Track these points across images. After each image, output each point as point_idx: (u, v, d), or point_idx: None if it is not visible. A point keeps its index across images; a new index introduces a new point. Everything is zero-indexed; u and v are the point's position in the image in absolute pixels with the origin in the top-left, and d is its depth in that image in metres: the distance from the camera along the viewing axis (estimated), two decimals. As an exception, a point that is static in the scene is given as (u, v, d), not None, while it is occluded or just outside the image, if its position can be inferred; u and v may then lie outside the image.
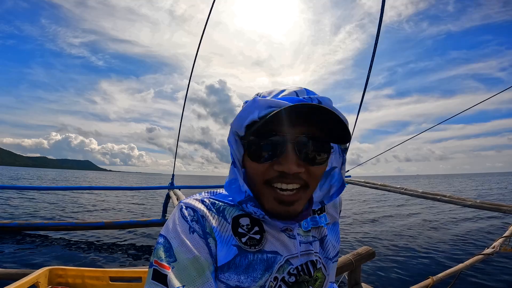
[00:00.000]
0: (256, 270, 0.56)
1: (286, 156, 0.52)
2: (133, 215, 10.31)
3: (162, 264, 0.50)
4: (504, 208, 3.52)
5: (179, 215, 0.57)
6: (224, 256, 0.55)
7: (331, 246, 0.71)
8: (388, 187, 4.92)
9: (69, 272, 1.58)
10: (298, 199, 0.55)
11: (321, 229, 0.70)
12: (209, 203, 0.61)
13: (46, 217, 8.86)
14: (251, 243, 0.58)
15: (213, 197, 0.64)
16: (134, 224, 6.64)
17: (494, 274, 4.33)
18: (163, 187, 6.44)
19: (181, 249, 0.52)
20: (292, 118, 0.51)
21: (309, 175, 0.54)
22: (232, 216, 0.60)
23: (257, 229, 0.60)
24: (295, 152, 0.52)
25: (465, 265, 2.71)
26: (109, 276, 1.60)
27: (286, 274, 0.59)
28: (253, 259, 0.56)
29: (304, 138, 0.53)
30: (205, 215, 0.58)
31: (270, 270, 0.57)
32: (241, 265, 0.55)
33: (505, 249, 2.97)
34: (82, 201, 13.52)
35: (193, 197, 0.64)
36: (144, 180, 67.41)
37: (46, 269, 1.53)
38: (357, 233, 7.84)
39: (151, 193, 18.60)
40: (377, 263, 4.94)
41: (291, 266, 0.60)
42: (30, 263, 4.57)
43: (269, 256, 0.58)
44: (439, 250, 5.98)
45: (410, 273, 4.58)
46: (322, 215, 0.73)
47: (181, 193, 5.42)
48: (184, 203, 0.60)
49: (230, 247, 0.56)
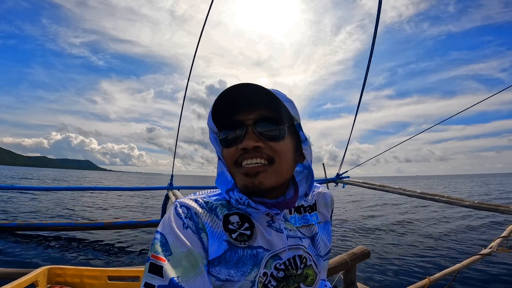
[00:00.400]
0: (246, 264, 0.59)
1: (245, 135, 0.61)
2: (132, 215, 10.32)
3: (158, 257, 0.54)
4: (502, 209, 3.53)
5: (174, 213, 0.61)
6: (215, 251, 0.58)
7: (322, 244, 0.73)
8: (386, 188, 4.93)
9: (67, 271, 1.60)
10: (263, 171, 0.60)
11: (312, 227, 0.73)
12: (202, 202, 0.65)
13: (45, 217, 8.86)
14: (241, 238, 0.61)
15: (207, 197, 0.68)
16: (133, 224, 6.62)
17: (491, 274, 4.33)
18: (162, 188, 6.44)
19: (176, 243, 0.55)
20: (238, 102, 0.60)
21: (271, 150, 0.61)
22: (223, 214, 0.64)
23: (247, 225, 0.63)
24: (253, 131, 0.61)
25: (462, 265, 2.71)
26: (107, 275, 1.61)
27: (273, 269, 0.62)
28: (242, 254, 0.60)
29: (258, 118, 0.61)
30: (198, 213, 0.62)
31: (258, 265, 0.60)
32: (231, 259, 0.59)
33: (502, 249, 2.98)
34: (81, 202, 13.50)
35: (188, 196, 0.68)
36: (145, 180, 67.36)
37: (44, 268, 1.54)
38: (352, 233, 7.85)
39: (150, 193, 18.59)
40: (373, 263, 4.94)
41: (279, 260, 0.63)
42: (28, 262, 4.56)
43: (258, 251, 0.61)
44: (436, 250, 5.98)
45: (406, 273, 4.58)
46: (314, 214, 0.75)
47: (180, 194, 5.42)
48: (178, 202, 0.65)
49: (221, 242, 0.59)
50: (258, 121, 0.61)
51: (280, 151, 0.62)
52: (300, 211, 0.74)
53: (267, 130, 0.61)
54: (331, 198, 0.83)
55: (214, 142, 0.68)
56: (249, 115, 0.62)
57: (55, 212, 9.94)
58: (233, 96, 0.59)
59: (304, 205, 0.75)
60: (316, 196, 0.79)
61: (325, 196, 0.81)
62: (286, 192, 0.70)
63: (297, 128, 0.67)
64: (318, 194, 0.80)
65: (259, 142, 0.60)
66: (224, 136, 0.64)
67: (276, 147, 0.61)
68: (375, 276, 4.39)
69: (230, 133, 0.63)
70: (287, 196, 0.69)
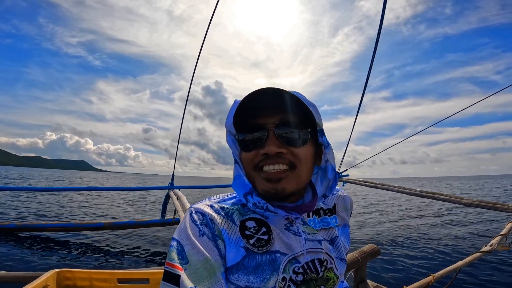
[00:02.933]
0: (265, 270, 0.58)
1: (267, 140, 0.59)
2: (132, 215, 10.28)
3: (174, 265, 0.53)
4: (501, 207, 3.59)
5: (189, 219, 0.60)
6: (233, 258, 0.57)
7: (342, 246, 0.73)
8: (386, 186, 4.98)
9: (77, 275, 1.58)
10: (284, 177, 0.59)
11: (331, 230, 0.72)
12: (218, 208, 0.64)
13: (43, 218, 8.78)
14: (259, 244, 0.60)
15: (222, 201, 0.67)
16: (133, 224, 6.59)
17: (492, 271, 4.43)
18: (163, 188, 6.42)
19: (192, 251, 0.55)
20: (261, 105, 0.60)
21: (293, 155, 0.60)
22: (240, 219, 0.63)
23: (264, 230, 0.63)
24: (274, 136, 0.60)
25: (464, 263, 2.75)
26: (117, 278, 1.60)
27: (292, 273, 0.61)
28: (261, 260, 0.59)
29: (280, 122, 0.60)
30: (213, 219, 0.61)
31: (277, 270, 0.59)
32: (249, 266, 0.58)
33: (502, 247, 3.03)
34: (79, 202, 13.40)
35: (203, 202, 0.67)
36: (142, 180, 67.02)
37: (54, 271, 1.53)
38: (362, 231, 7.94)
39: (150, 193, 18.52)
40: (381, 261, 5.02)
41: (297, 264, 0.62)
42: (34, 265, 4.52)
43: (276, 255, 0.60)
44: (438, 248, 6.09)
45: (412, 270, 4.66)
46: (333, 217, 0.75)
47: (181, 193, 5.40)
48: (194, 208, 0.64)
49: (238, 249, 0.59)
50: (280, 125, 0.60)
51: (302, 156, 0.61)
52: (320, 213, 0.73)
53: (290, 135, 0.60)
54: (351, 201, 0.82)
55: (232, 145, 0.66)
56: (270, 119, 0.61)
57: (53, 213, 9.85)
58: (257, 100, 0.59)
59: (324, 208, 0.75)
60: (335, 199, 0.78)
61: (345, 199, 0.80)
62: (304, 195, 0.70)
63: (319, 133, 0.67)
64: (338, 197, 0.79)
65: (282, 147, 0.59)
66: (244, 138, 0.63)
67: (298, 153, 0.60)
68: (382, 273, 4.47)
69: (251, 136, 0.62)
70: (306, 199, 0.69)
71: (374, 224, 9.10)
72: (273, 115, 0.61)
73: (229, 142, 0.67)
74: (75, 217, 9.21)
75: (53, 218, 8.74)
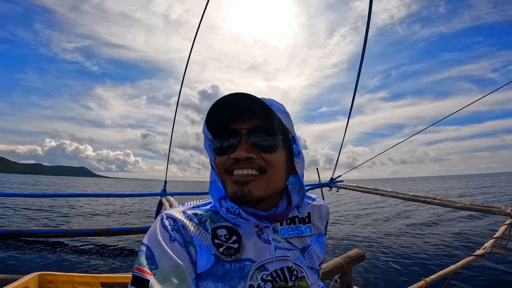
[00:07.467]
0: (233, 278, 0.59)
1: (238, 145, 0.61)
2: (125, 222, 10.16)
3: (143, 270, 0.52)
4: (494, 210, 3.58)
5: (160, 225, 0.60)
6: (203, 265, 0.58)
7: (315, 256, 0.73)
8: (380, 191, 4.96)
9: (59, 278, 1.55)
10: (252, 180, 0.60)
11: (304, 239, 0.72)
12: (191, 214, 0.65)
13: (36, 223, 8.65)
14: (228, 252, 0.61)
15: (196, 208, 0.68)
16: (126, 231, 6.52)
17: (485, 274, 4.38)
18: (155, 194, 6.37)
19: (162, 257, 0.54)
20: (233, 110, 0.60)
21: (263, 161, 0.61)
22: (211, 227, 0.64)
23: (235, 238, 0.63)
24: (246, 141, 0.61)
25: (457, 266, 2.73)
26: (100, 281, 1.57)
27: (260, 280, 0.61)
28: (230, 268, 0.60)
29: (252, 128, 0.61)
30: (185, 225, 0.61)
31: (245, 278, 0.60)
32: (218, 273, 0.58)
33: (496, 250, 3.01)
34: (73, 208, 13.25)
35: (176, 208, 0.67)
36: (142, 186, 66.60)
37: (35, 274, 1.50)
38: (348, 236, 7.87)
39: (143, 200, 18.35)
40: (370, 266, 4.96)
41: (265, 271, 0.62)
42: (19, 269, 4.46)
43: (245, 263, 0.61)
44: (431, 251, 6.02)
45: (402, 275, 4.61)
46: (307, 226, 0.75)
47: (173, 200, 5.36)
48: (165, 214, 0.64)
49: (209, 256, 0.59)
50: (252, 131, 0.61)
51: (272, 162, 0.62)
52: (295, 221, 0.73)
53: (260, 141, 0.61)
54: (327, 210, 0.82)
55: (208, 150, 0.68)
56: (243, 125, 0.62)
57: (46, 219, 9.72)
58: (228, 105, 0.59)
59: (299, 216, 0.75)
60: (310, 209, 0.78)
61: (320, 208, 0.80)
62: (279, 204, 0.70)
63: (291, 141, 0.67)
64: (313, 207, 0.79)
65: (252, 152, 0.60)
66: (218, 144, 0.64)
67: (268, 158, 0.61)
68: (372, 279, 4.40)
69: (224, 142, 0.63)
70: (280, 208, 0.69)
71: (363, 228, 9.04)
72: (246, 121, 0.62)
73: (206, 147, 0.68)
74: (67, 224, 9.09)
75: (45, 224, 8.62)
